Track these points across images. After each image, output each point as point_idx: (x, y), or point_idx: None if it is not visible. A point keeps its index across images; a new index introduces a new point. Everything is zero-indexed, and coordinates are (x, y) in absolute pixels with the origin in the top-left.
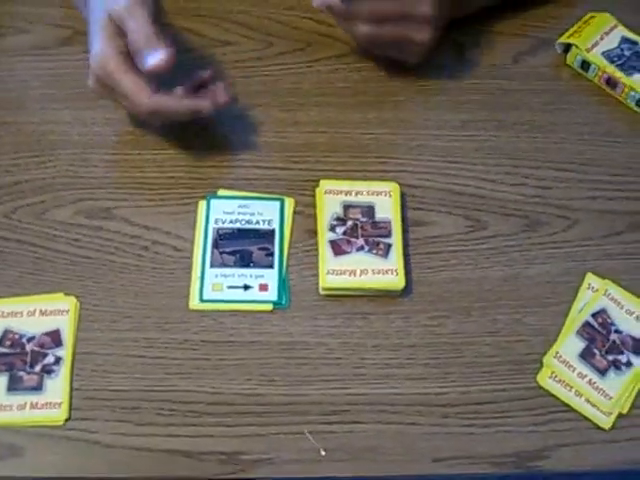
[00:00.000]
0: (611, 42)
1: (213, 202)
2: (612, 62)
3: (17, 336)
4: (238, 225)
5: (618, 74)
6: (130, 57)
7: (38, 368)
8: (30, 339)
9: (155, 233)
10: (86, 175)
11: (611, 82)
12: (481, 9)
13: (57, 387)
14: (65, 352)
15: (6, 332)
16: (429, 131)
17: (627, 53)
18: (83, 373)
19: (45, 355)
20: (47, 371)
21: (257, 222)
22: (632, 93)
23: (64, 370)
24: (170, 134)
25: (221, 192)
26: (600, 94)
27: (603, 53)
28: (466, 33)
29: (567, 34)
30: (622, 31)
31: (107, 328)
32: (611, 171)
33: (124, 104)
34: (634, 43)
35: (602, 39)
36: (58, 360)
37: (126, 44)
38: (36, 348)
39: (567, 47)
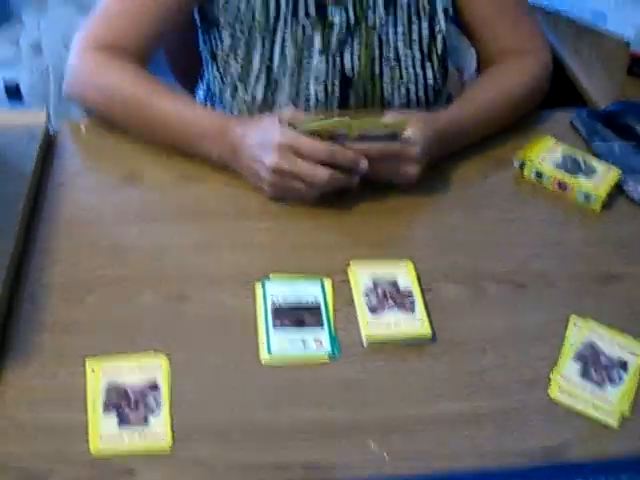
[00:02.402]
0: (556, 156)
1: (268, 283)
2: (560, 170)
3: (120, 385)
4: (290, 299)
5: (567, 178)
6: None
7: (142, 408)
8: (132, 387)
9: (224, 307)
10: (159, 271)
11: (562, 185)
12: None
13: (160, 421)
14: (163, 395)
15: (110, 383)
16: (428, 228)
17: (570, 163)
18: (180, 410)
19: (146, 397)
20: (150, 410)
21: (305, 296)
22: (579, 191)
23: (164, 408)
24: (222, 243)
25: (272, 275)
26: (554, 195)
27: (552, 164)
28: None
29: (521, 153)
30: (562, 147)
31: (194, 378)
32: (572, 247)
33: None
34: (573, 156)
35: (549, 154)
36: (158, 401)
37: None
38: (138, 393)
39: (522, 163)
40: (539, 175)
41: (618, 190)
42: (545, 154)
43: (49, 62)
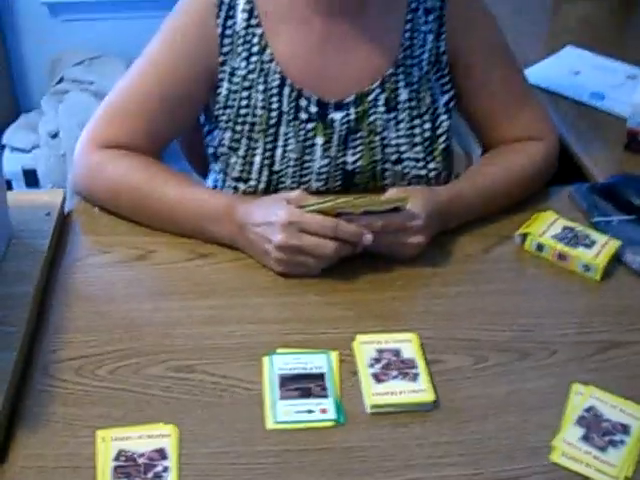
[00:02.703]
0: (556, 229)
1: (275, 357)
2: (560, 242)
3: (130, 453)
4: (296, 371)
5: (566, 249)
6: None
7: (150, 475)
8: (141, 455)
9: (231, 380)
10: (169, 344)
11: (562, 256)
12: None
13: None
14: (171, 463)
15: (120, 451)
16: (431, 300)
17: (569, 235)
18: (188, 477)
19: (155, 466)
20: (158, 476)
21: (311, 368)
22: (579, 262)
23: (172, 475)
24: (231, 317)
25: (279, 350)
26: (554, 266)
27: (552, 236)
28: (445, 234)
29: (522, 228)
30: (562, 221)
31: (202, 446)
32: (573, 315)
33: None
34: (572, 229)
35: (549, 228)
36: (166, 469)
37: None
38: (147, 461)
39: (524, 237)
40: (540, 247)
41: (618, 261)
42: (545, 227)
43: (66, 146)
